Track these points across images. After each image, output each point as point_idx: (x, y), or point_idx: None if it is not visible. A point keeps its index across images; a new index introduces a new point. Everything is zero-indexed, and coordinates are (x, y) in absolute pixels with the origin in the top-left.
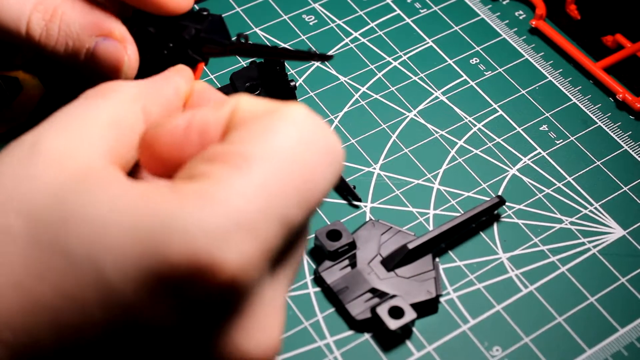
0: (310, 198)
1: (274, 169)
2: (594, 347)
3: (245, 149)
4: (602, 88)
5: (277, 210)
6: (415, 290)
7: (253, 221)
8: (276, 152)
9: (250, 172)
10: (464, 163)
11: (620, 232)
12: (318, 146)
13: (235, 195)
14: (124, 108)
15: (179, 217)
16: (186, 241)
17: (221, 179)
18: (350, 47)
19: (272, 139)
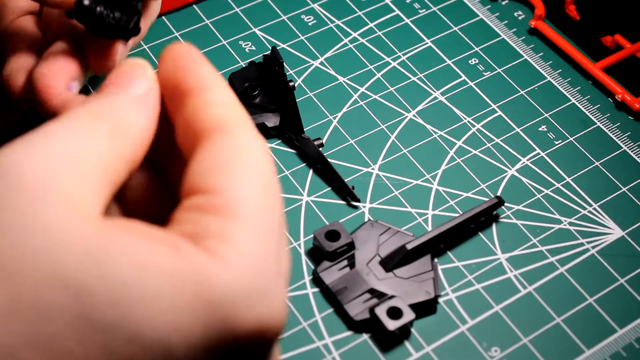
0: (282, 214)
1: (263, 212)
2: (592, 347)
3: (238, 198)
4: (601, 88)
5: (274, 244)
6: (414, 291)
7: (279, 268)
8: (260, 193)
9: (255, 223)
10: (463, 163)
11: (619, 232)
12: (273, 168)
13: (258, 254)
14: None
15: (234, 286)
16: (250, 309)
17: (232, 237)
18: (349, 47)
19: (250, 179)
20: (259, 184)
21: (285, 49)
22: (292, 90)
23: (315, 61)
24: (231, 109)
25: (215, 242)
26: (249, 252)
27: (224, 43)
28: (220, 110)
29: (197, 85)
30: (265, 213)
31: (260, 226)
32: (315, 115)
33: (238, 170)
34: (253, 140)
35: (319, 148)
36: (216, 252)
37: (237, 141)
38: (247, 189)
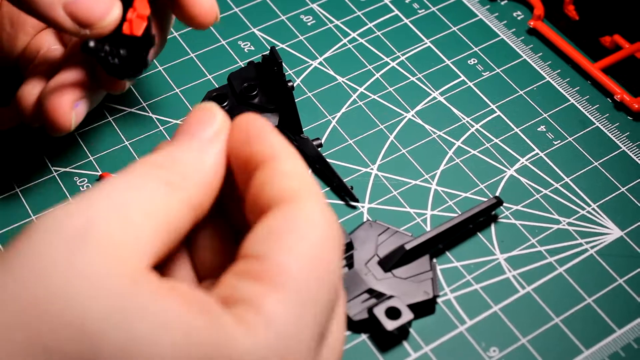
0: (332, 291)
1: (305, 284)
2: (591, 348)
3: (279, 266)
4: (600, 89)
5: (313, 319)
6: (413, 291)
7: (317, 345)
8: (305, 264)
9: (294, 294)
10: (462, 164)
11: (617, 232)
12: (334, 243)
13: (288, 325)
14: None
15: (254, 354)
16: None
17: (264, 305)
18: (348, 47)
19: (298, 249)
20: (310, 255)
21: (284, 49)
22: (291, 90)
23: (314, 61)
24: (300, 179)
25: (245, 308)
26: (278, 322)
27: (223, 43)
28: (288, 181)
29: (268, 155)
30: (309, 285)
31: (298, 297)
32: (314, 115)
33: (289, 238)
34: (317, 211)
35: (318, 148)
36: (243, 318)
37: (299, 211)
38: (294, 259)
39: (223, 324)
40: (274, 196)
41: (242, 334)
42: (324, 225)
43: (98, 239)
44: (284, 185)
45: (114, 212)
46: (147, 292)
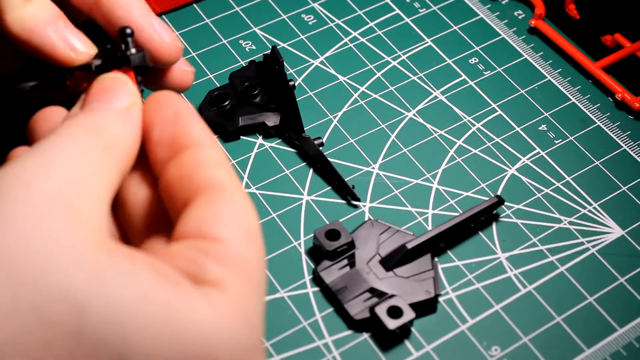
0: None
1: (259, 270)
2: (592, 346)
3: (241, 251)
4: (601, 88)
5: (262, 298)
6: (414, 290)
7: (256, 316)
8: (258, 250)
9: (251, 278)
10: (463, 163)
11: (619, 231)
12: (257, 220)
13: (249, 307)
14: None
15: (223, 332)
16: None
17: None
18: (350, 46)
19: (253, 237)
20: (257, 242)
21: (286, 48)
22: (292, 89)
23: (316, 60)
24: (227, 169)
25: (213, 289)
26: (241, 305)
27: (224, 42)
28: (218, 170)
29: (196, 140)
30: (258, 269)
31: (253, 282)
32: (315, 114)
33: (241, 225)
34: (245, 198)
35: (319, 147)
36: (212, 298)
37: (232, 198)
38: (252, 247)
39: (197, 303)
40: (205, 182)
41: (213, 313)
42: (254, 212)
43: (66, 208)
44: (216, 173)
45: (75, 179)
46: (124, 262)
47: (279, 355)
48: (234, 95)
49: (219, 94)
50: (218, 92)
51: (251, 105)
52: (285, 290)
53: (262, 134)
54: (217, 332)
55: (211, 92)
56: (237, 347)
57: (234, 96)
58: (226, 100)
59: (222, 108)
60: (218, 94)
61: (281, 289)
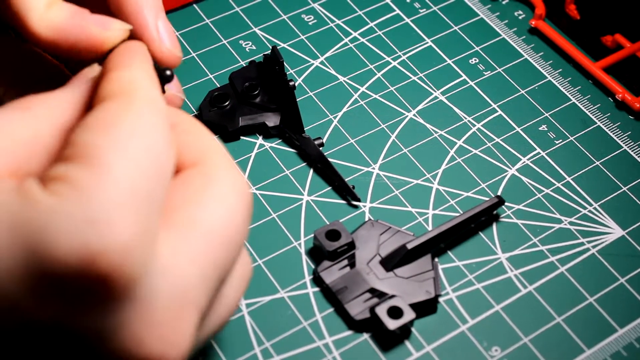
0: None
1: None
2: (593, 347)
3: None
4: (602, 88)
5: (143, 190)
6: (414, 291)
7: (119, 205)
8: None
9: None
10: (463, 163)
11: (619, 232)
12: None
13: (94, 188)
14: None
15: (57, 213)
16: (64, 236)
17: (78, 177)
18: (350, 47)
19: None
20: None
21: (286, 48)
22: (293, 89)
23: (316, 61)
24: (136, 81)
25: (58, 182)
26: (83, 187)
27: (224, 42)
28: (121, 82)
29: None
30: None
31: (111, 171)
32: (315, 114)
33: (111, 125)
34: (143, 103)
35: (320, 147)
36: (53, 189)
37: (122, 105)
38: (110, 137)
39: (32, 193)
40: (105, 93)
41: (47, 198)
42: (150, 116)
43: None
44: (117, 84)
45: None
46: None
47: (279, 356)
48: (234, 95)
49: (219, 94)
50: (218, 93)
51: (251, 105)
52: (285, 291)
53: (262, 134)
54: (45, 210)
55: (211, 92)
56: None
57: (234, 96)
58: (226, 100)
59: (222, 108)
60: (218, 94)
61: (281, 289)
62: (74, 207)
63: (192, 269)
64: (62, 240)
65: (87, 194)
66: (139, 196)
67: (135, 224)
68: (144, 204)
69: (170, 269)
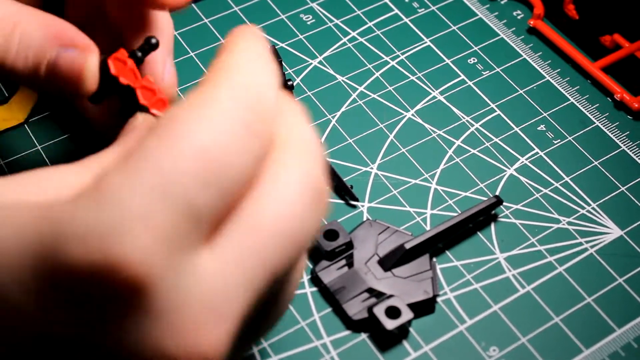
0: (219, 177)
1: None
2: (591, 347)
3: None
4: (600, 88)
5: (171, 195)
6: (412, 290)
7: (145, 211)
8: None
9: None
10: (462, 163)
11: (617, 232)
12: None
13: (120, 189)
14: None
15: (71, 218)
16: (81, 243)
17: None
18: (348, 46)
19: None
20: (184, 155)
21: (284, 48)
22: (291, 89)
23: (314, 60)
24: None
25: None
26: (107, 188)
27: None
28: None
29: None
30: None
31: (137, 172)
32: (314, 114)
33: (163, 126)
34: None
35: None
36: (79, 193)
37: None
38: (160, 139)
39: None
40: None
41: (68, 200)
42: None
43: None
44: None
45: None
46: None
47: (277, 356)
48: None
49: None
50: None
51: None
52: None
53: None
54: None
55: None
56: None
57: None
58: None
59: None
60: None
61: None
62: (93, 209)
63: (234, 272)
64: (79, 247)
65: (109, 194)
66: (173, 202)
67: (158, 236)
68: (179, 210)
69: (207, 274)
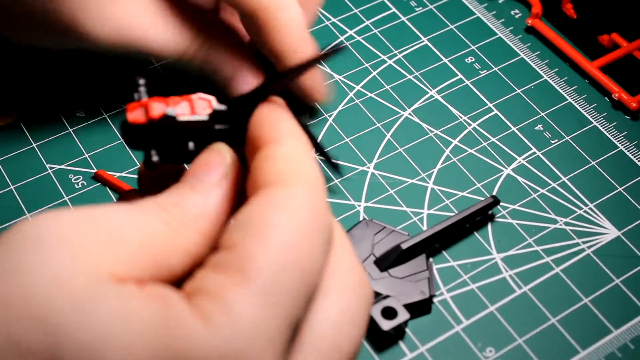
0: (308, 284)
1: (274, 274)
2: (587, 348)
3: (246, 255)
4: (598, 87)
5: (281, 312)
6: (409, 291)
7: (264, 334)
8: (274, 254)
9: (261, 286)
10: (459, 162)
11: (614, 232)
12: (315, 232)
13: (251, 318)
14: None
15: (204, 342)
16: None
17: (226, 297)
18: (345, 45)
19: (269, 237)
20: (282, 243)
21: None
22: None
23: None
24: (293, 163)
25: (207, 300)
26: (240, 315)
27: None
28: (279, 164)
29: (270, 137)
30: (281, 277)
31: (265, 289)
32: None
33: (261, 226)
34: (300, 197)
35: None
36: (203, 311)
37: (279, 196)
38: (264, 248)
39: (179, 315)
40: (261, 180)
41: (198, 324)
42: (304, 212)
43: (69, 244)
44: (273, 168)
45: (92, 224)
46: (109, 290)
47: None
48: None
49: None
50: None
51: None
52: None
53: None
54: (200, 345)
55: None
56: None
57: None
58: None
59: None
60: None
61: None
62: (225, 340)
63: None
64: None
65: (239, 325)
66: (287, 327)
67: (282, 349)
68: (289, 333)
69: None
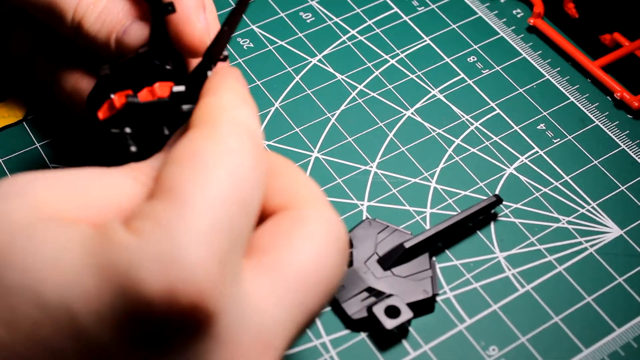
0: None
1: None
2: (590, 346)
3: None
4: (600, 87)
5: (225, 221)
6: (412, 290)
7: (203, 240)
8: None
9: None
10: (461, 162)
11: (617, 231)
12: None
13: (175, 224)
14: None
15: (139, 252)
16: (151, 275)
17: (158, 214)
18: (348, 44)
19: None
20: (208, 168)
21: (284, 46)
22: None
23: (314, 58)
24: (221, 107)
25: (140, 220)
26: (164, 223)
27: None
28: (206, 108)
29: (206, 92)
30: (211, 192)
31: (198, 206)
32: (313, 112)
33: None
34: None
35: None
36: (137, 228)
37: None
38: (193, 176)
39: (113, 235)
40: (191, 120)
41: (131, 238)
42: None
43: (25, 194)
44: (200, 111)
45: (56, 180)
46: (54, 224)
47: None
48: None
49: None
50: None
51: None
52: None
53: None
54: (130, 250)
55: None
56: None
57: None
58: None
59: None
60: None
61: None
62: (155, 244)
63: (279, 312)
64: (147, 280)
65: (167, 230)
66: (220, 228)
67: (216, 258)
68: (226, 235)
69: (257, 310)
